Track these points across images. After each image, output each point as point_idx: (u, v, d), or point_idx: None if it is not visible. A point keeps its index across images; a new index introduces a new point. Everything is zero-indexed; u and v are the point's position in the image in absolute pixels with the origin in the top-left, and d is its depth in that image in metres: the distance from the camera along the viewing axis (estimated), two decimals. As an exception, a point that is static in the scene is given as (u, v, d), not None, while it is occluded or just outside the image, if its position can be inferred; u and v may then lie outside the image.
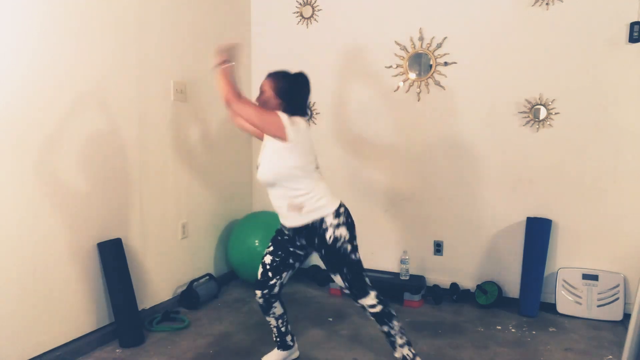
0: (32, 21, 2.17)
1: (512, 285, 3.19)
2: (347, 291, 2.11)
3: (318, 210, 2.02)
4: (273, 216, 3.32)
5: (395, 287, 3.22)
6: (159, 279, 3.00)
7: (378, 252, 3.55)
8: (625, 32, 2.82)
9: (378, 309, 2.09)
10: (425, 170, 3.36)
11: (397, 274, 3.38)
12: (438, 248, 3.38)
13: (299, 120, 2.02)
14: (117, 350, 2.51)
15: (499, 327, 2.83)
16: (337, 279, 2.09)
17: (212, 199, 3.43)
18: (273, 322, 2.28)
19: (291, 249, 2.14)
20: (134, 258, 2.79)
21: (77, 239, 2.44)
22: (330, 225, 2.01)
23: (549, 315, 3.00)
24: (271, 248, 2.17)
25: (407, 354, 2.12)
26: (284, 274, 2.18)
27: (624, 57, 2.83)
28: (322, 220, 2.02)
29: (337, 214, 2.04)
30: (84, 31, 2.42)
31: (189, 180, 3.21)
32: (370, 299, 2.09)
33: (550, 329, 2.81)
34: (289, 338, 2.33)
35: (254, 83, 3.86)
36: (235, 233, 3.41)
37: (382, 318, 2.11)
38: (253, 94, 3.85)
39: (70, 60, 2.36)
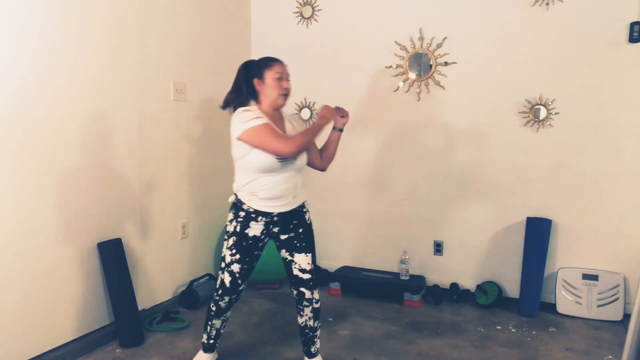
0: (32, 21, 2.17)
1: (512, 285, 3.19)
2: (307, 276, 2.16)
3: (303, 196, 2.22)
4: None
5: (395, 287, 3.22)
6: (159, 279, 3.01)
7: (378, 252, 3.55)
8: (625, 32, 2.82)
9: (319, 305, 2.24)
10: (425, 170, 3.36)
11: (397, 274, 3.38)
12: (438, 248, 3.38)
13: None
14: (117, 350, 2.51)
15: (499, 327, 2.83)
16: (307, 259, 2.17)
17: (212, 199, 3.43)
18: (218, 324, 2.26)
19: (255, 253, 2.14)
20: (134, 258, 2.79)
21: (77, 239, 2.44)
22: (308, 209, 2.24)
23: (549, 315, 3.00)
24: (238, 256, 2.10)
25: (318, 347, 2.31)
26: (248, 278, 2.20)
27: (624, 57, 2.84)
28: (303, 205, 2.22)
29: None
30: (84, 31, 2.42)
31: (189, 180, 3.21)
32: (317, 294, 2.23)
33: (550, 329, 2.81)
34: (219, 340, 2.33)
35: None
36: (235, 233, 3.41)
37: (319, 314, 2.24)
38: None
39: (71, 61, 2.36)
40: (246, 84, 2.12)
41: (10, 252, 2.13)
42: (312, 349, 2.27)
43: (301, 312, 2.21)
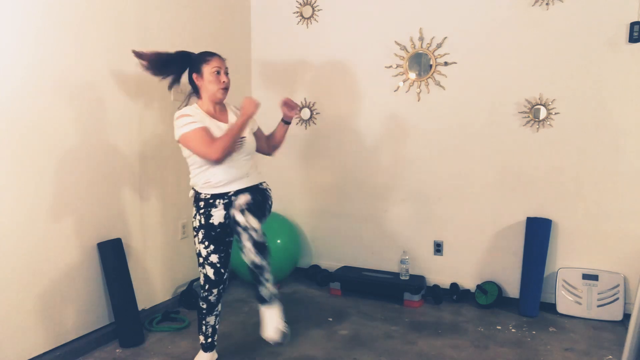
0: (32, 21, 2.17)
1: (512, 285, 3.19)
2: (256, 233, 1.95)
3: (260, 176, 2.28)
4: (272, 216, 3.32)
5: (395, 287, 3.22)
6: (159, 279, 3.01)
7: (378, 252, 3.55)
8: (625, 32, 2.82)
9: (265, 239, 1.98)
10: (425, 170, 3.36)
11: (397, 274, 3.38)
12: (438, 248, 3.38)
13: None
14: (117, 350, 2.51)
15: (499, 327, 2.83)
16: (260, 224, 1.97)
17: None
18: (212, 320, 2.27)
19: (227, 240, 2.18)
20: (134, 258, 2.79)
21: (77, 239, 2.44)
22: (268, 187, 2.28)
23: (549, 315, 3.00)
24: (212, 247, 2.13)
25: (273, 292, 2.07)
26: (229, 265, 2.23)
27: (624, 57, 2.83)
28: (262, 183, 2.26)
29: None
30: (84, 31, 2.42)
31: (189, 180, 3.20)
32: (257, 223, 1.98)
33: (550, 329, 2.81)
34: (216, 337, 2.34)
35: (254, 83, 3.86)
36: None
37: (265, 250, 1.97)
38: (253, 94, 3.85)
39: (71, 61, 2.36)
40: (178, 72, 2.20)
41: (10, 251, 2.13)
42: (263, 292, 2.05)
43: (242, 249, 1.97)
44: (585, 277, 2.96)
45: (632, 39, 2.79)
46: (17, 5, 2.10)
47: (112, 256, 2.56)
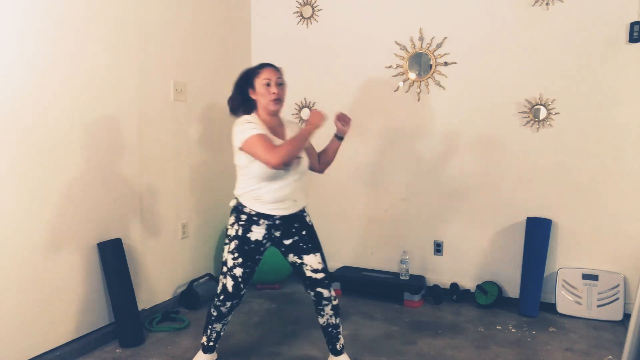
0: (32, 21, 2.17)
1: (512, 285, 3.19)
2: (321, 275, 2.15)
3: (305, 200, 2.24)
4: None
5: (395, 287, 3.22)
6: (159, 279, 3.01)
7: (378, 252, 3.55)
8: (625, 32, 2.82)
9: (337, 302, 2.22)
10: (425, 170, 3.36)
11: (397, 274, 3.38)
12: (438, 248, 3.38)
13: None
14: (117, 350, 2.51)
15: (499, 327, 2.83)
16: (317, 258, 2.16)
17: (212, 199, 3.43)
18: (219, 327, 2.24)
19: (257, 257, 2.14)
20: (134, 258, 2.79)
21: (77, 239, 2.44)
22: (307, 213, 2.25)
23: (549, 315, 3.00)
24: (240, 260, 2.09)
25: (342, 343, 2.29)
26: (249, 282, 2.20)
27: (624, 57, 2.83)
28: (304, 209, 2.23)
29: None
30: (84, 31, 2.42)
31: (189, 180, 3.21)
32: (333, 291, 2.21)
33: (550, 329, 2.81)
34: (218, 342, 2.32)
35: (254, 83, 3.85)
36: (235, 233, 3.41)
37: (338, 310, 2.23)
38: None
39: (70, 61, 2.36)
40: (240, 94, 2.16)
41: (10, 252, 2.13)
42: (337, 346, 2.26)
43: (321, 312, 2.21)
44: (585, 277, 2.96)
45: (632, 39, 2.79)
46: (17, 5, 2.10)
47: (112, 256, 2.56)
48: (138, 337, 2.58)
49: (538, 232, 3.00)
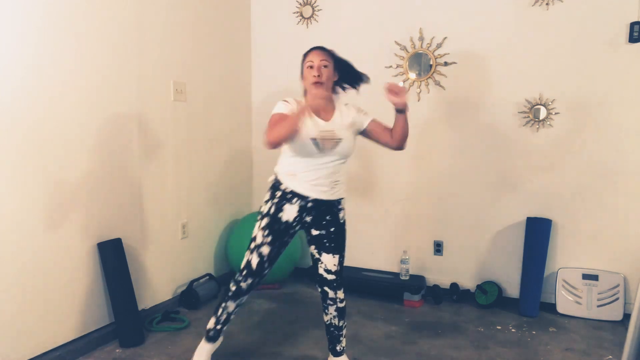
0: (32, 21, 2.17)
1: (512, 285, 3.19)
2: (332, 277, 2.16)
3: (344, 190, 2.19)
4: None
5: (395, 287, 3.22)
6: (159, 279, 3.01)
7: (378, 252, 3.55)
8: (625, 32, 2.82)
9: (344, 304, 2.25)
10: (425, 170, 3.36)
11: (397, 274, 3.38)
12: (438, 248, 3.38)
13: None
14: (117, 350, 2.51)
15: (499, 327, 2.83)
16: (334, 260, 2.17)
17: (212, 199, 3.43)
18: (232, 307, 2.21)
19: (286, 239, 2.14)
20: (134, 258, 2.79)
21: (77, 239, 2.44)
22: (343, 207, 2.21)
23: (549, 315, 3.00)
24: (270, 238, 2.09)
25: (344, 345, 2.31)
26: (274, 264, 2.19)
27: (624, 57, 2.83)
28: (340, 200, 2.20)
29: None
30: (84, 31, 2.42)
31: (189, 180, 3.21)
32: (342, 293, 2.23)
33: (550, 329, 2.81)
34: (225, 327, 2.29)
35: (254, 83, 3.86)
36: (235, 233, 3.41)
37: (344, 313, 2.25)
38: (253, 94, 3.85)
39: (71, 61, 2.36)
40: (301, 73, 2.20)
41: (9, 252, 2.13)
42: (338, 348, 2.28)
43: (326, 310, 2.23)
44: (585, 277, 2.96)
45: (632, 39, 2.79)
46: (17, 5, 2.10)
47: (112, 256, 2.56)
48: (138, 337, 2.58)
49: (538, 232, 3.00)
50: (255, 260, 2.12)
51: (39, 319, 2.27)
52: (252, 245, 2.13)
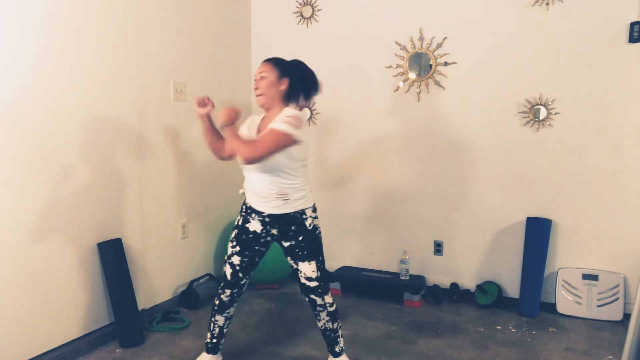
0: (33, 21, 2.17)
1: (512, 285, 3.19)
2: (315, 283, 2.13)
3: (301, 202, 2.11)
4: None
5: (395, 287, 3.22)
6: (159, 279, 3.01)
7: (378, 252, 3.55)
8: (625, 32, 2.82)
9: (335, 307, 2.23)
10: (425, 170, 3.36)
11: (397, 274, 3.38)
12: (438, 248, 3.38)
13: (303, 117, 2.05)
14: (117, 350, 2.51)
15: (499, 327, 2.83)
16: (311, 267, 2.12)
17: (212, 199, 3.43)
18: (221, 321, 2.24)
19: (256, 247, 2.16)
20: (134, 258, 2.79)
21: (77, 239, 2.44)
22: (309, 216, 2.15)
23: (549, 315, 3.00)
24: (238, 248, 2.15)
25: (342, 346, 2.29)
26: (251, 273, 2.22)
27: (624, 57, 2.83)
28: (302, 212, 2.12)
29: (314, 209, 2.19)
30: (84, 31, 2.42)
31: (189, 180, 3.21)
32: (330, 297, 2.20)
33: (550, 329, 2.81)
34: (222, 340, 2.31)
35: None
36: (235, 233, 3.41)
37: (336, 315, 2.23)
38: (254, 98, 3.85)
39: (70, 61, 2.36)
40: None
41: (10, 252, 2.13)
42: (337, 349, 2.27)
43: (318, 317, 2.22)
44: (585, 277, 2.96)
45: (632, 39, 2.79)
46: (17, 6, 2.10)
47: (112, 256, 2.56)
48: (138, 337, 2.58)
49: (538, 232, 3.00)
50: (228, 271, 2.18)
51: (39, 319, 2.27)
52: (225, 257, 2.22)
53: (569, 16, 2.93)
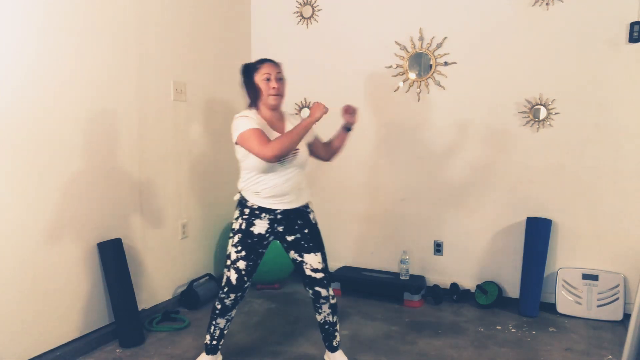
0: (33, 22, 2.17)
1: (512, 285, 3.19)
2: (320, 275, 2.18)
3: (307, 194, 2.24)
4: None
5: (395, 287, 3.22)
6: (159, 279, 3.01)
7: (378, 252, 3.55)
8: (625, 32, 2.82)
9: (335, 300, 2.27)
10: (425, 170, 3.36)
11: (397, 274, 3.38)
12: (438, 248, 3.38)
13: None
14: (117, 350, 2.51)
15: (499, 327, 2.83)
16: (317, 258, 2.18)
17: (212, 199, 3.43)
18: (222, 324, 2.24)
19: (260, 251, 2.17)
20: (134, 258, 2.79)
21: (77, 239, 2.44)
22: (311, 210, 2.26)
23: (549, 315, 3.00)
24: (243, 253, 2.13)
25: (339, 340, 2.33)
26: (253, 275, 2.22)
27: (624, 57, 2.83)
28: (307, 205, 2.24)
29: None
30: (84, 31, 2.42)
31: (189, 180, 3.21)
32: (332, 290, 2.24)
33: (550, 329, 2.81)
34: (222, 341, 2.31)
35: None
36: (235, 233, 3.41)
37: (336, 309, 2.27)
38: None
39: (71, 61, 2.36)
40: (247, 85, 2.17)
41: (10, 252, 2.13)
42: (334, 343, 2.30)
43: (319, 310, 2.24)
44: (585, 277, 2.96)
45: (632, 39, 2.79)
46: (17, 6, 2.10)
47: (112, 256, 2.56)
48: (138, 337, 2.58)
49: (538, 232, 3.00)
50: (234, 277, 2.16)
51: (39, 319, 2.27)
52: (228, 262, 2.17)
53: (569, 16, 2.93)
